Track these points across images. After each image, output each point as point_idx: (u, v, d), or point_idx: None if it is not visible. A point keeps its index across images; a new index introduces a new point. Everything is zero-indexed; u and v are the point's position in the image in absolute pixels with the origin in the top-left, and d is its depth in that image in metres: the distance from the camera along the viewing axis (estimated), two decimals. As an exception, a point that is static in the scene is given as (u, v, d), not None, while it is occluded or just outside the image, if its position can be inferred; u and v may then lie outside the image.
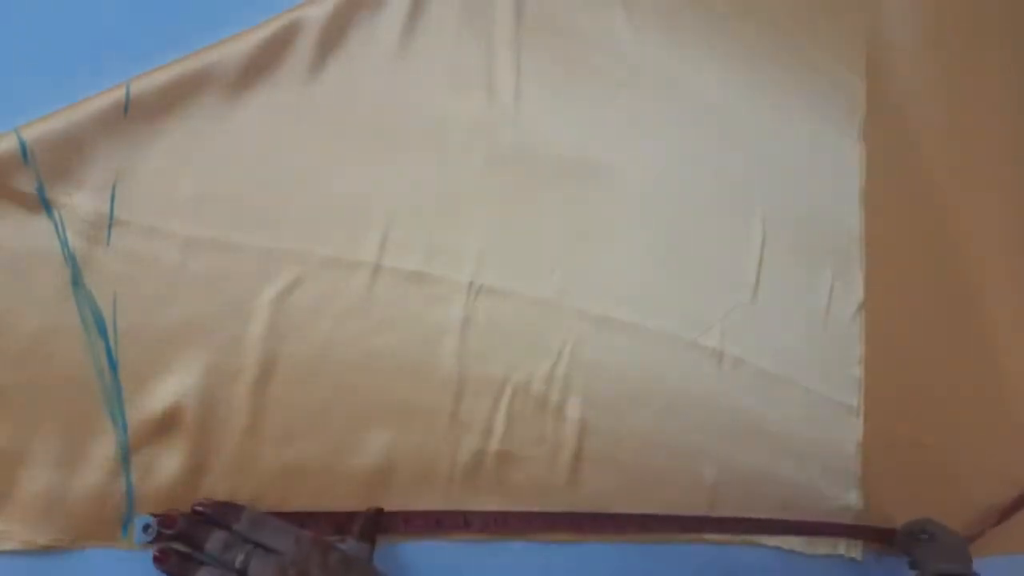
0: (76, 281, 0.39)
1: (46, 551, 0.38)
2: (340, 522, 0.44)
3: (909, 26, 0.80)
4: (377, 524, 0.44)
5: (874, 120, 0.74)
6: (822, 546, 0.65)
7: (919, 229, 0.78)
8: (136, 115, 0.40)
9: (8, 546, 0.37)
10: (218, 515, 0.40)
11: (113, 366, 0.39)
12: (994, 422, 0.80)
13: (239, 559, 0.38)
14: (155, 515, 0.39)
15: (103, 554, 0.39)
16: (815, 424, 0.66)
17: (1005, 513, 0.77)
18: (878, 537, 0.67)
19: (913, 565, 0.63)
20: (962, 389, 0.78)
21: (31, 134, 0.37)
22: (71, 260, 0.39)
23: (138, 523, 0.39)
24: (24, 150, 0.37)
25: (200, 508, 0.40)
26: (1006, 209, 0.85)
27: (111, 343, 0.39)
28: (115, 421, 0.39)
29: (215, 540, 0.39)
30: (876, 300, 0.71)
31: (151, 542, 0.39)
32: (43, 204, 0.38)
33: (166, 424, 0.40)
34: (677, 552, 0.56)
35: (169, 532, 0.38)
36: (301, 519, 0.42)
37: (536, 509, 0.51)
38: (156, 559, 0.38)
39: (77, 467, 0.38)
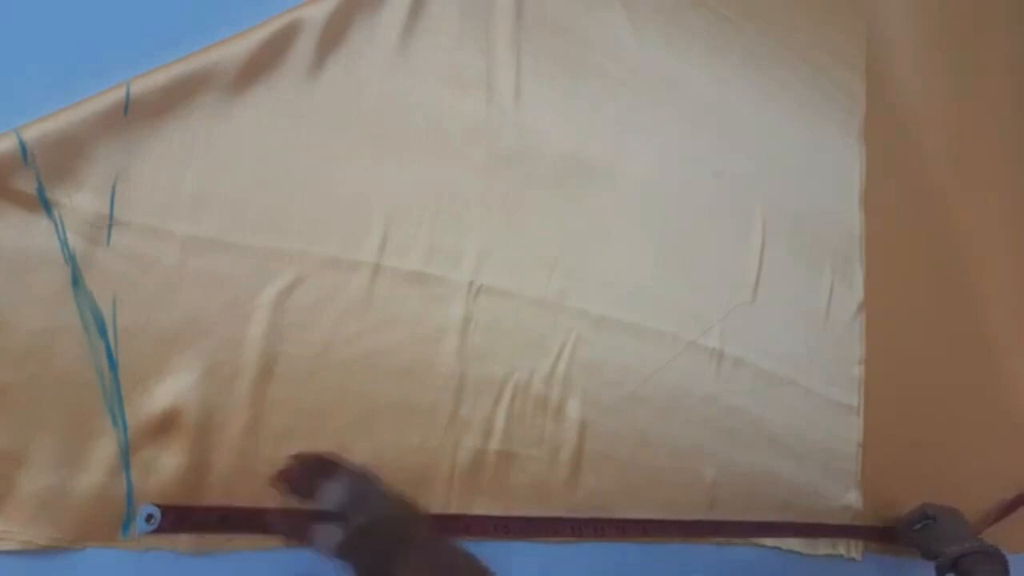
0: (76, 281, 0.39)
1: (46, 551, 0.37)
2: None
3: (909, 26, 0.80)
4: None
5: (874, 120, 0.74)
6: (822, 546, 0.65)
7: (919, 229, 0.78)
8: (136, 115, 0.40)
9: (8, 546, 0.37)
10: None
11: (113, 366, 0.39)
12: (994, 422, 0.80)
13: None
14: (158, 504, 0.39)
15: (103, 554, 0.39)
16: (815, 424, 0.66)
17: (1004, 511, 0.77)
18: (878, 537, 0.67)
19: (927, 555, 0.62)
20: (962, 389, 0.78)
21: (31, 134, 0.37)
22: (71, 260, 0.39)
23: (142, 511, 0.38)
24: (24, 150, 0.37)
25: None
26: (1006, 209, 0.85)
27: (111, 343, 0.39)
28: (115, 421, 0.39)
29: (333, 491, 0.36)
30: (876, 300, 0.71)
31: (152, 532, 0.39)
32: (43, 204, 0.38)
33: (166, 424, 0.40)
34: (677, 552, 0.56)
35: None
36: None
37: (536, 509, 0.51)
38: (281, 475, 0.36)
39: (77, 467, 0.38)
